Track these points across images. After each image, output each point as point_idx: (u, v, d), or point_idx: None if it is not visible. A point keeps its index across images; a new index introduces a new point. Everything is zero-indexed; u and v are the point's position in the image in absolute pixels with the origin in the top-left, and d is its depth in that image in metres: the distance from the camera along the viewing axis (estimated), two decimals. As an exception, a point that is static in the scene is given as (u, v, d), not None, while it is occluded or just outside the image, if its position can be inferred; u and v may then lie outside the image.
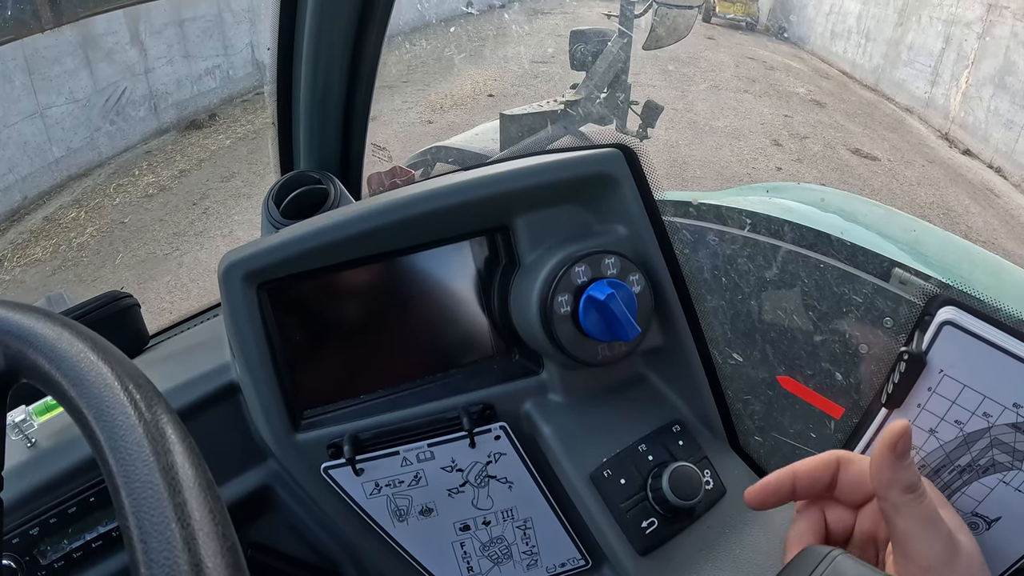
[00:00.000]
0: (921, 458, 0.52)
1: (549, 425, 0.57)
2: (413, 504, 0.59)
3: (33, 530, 0.55)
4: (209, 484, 0.30)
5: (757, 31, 11.48)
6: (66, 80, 5.07)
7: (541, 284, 0.53)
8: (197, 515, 0.28)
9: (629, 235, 0.57)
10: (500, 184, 0.55)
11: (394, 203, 0.55)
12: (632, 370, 0.61)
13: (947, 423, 0.49)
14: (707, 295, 0.56)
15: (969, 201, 5.44)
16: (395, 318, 0.60)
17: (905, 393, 0.50)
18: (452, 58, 7.87)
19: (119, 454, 0.29)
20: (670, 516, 0.55)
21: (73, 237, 4.46)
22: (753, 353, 0.57)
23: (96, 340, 0.34)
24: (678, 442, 0.58)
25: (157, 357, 0.75)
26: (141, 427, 0.30)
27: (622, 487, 0.55)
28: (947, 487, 0.51)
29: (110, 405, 0.31)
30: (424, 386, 0.60)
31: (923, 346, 0.49)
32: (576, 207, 0.57)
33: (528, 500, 0.60)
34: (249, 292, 0.55)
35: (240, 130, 6.08)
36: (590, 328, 0.52)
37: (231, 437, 0.62)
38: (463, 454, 0.57)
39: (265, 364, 0.56)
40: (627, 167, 0.56)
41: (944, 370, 0.49)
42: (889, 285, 0.53)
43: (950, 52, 7.08)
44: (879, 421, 0.53)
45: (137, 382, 0.33)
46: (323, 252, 0.55)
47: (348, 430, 0.56)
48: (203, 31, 6.33)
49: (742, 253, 0.55)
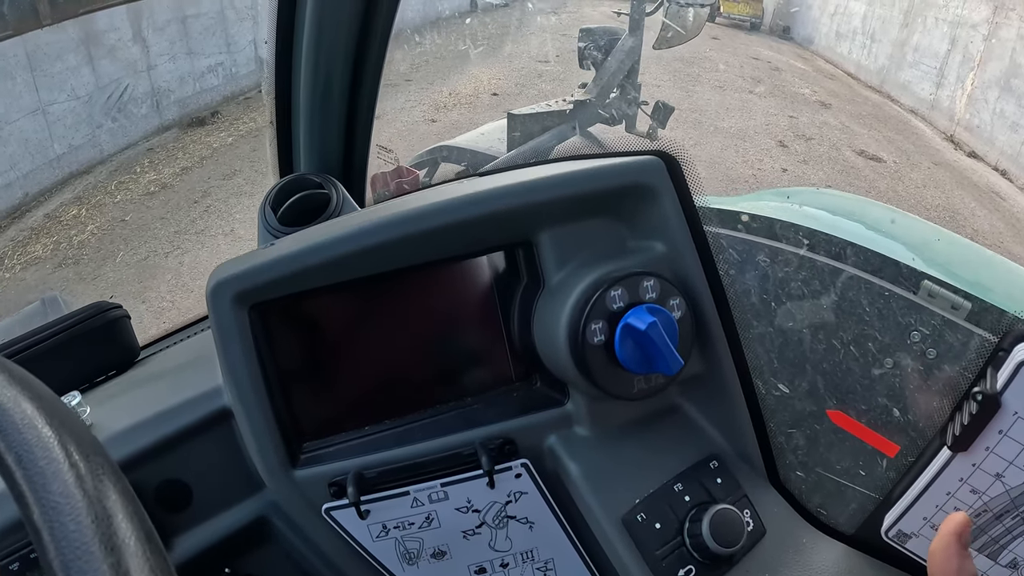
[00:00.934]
0: (984, 503, 0.48)
1: (576, 462, 0.52)
2: (424, 547, 0.53)
3: (13, 565, 0.50)
4: (148, 536, 0.26)
5: (762, 31, 11.43)
6: (68, 77, 5.03)
7: (572, 309, 0.47)
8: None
9: (668, 253, 0.51)
10: (524, 196, 0.49)
11: (403, 216, 0.49)
12: (666, 400, 0.55)
13: (1016, 467, 0.45)
14: (752, 320, 0.50)
15: (975, 204, 5.40)
16: (404, 342, 0.54)
17: (975, 435, 0.46)
18: (455, 56, 7.83)
19: (44, 504, 0.25)
20: (708, 563, 0.50)
21: (74, 235, 4.43)
22: (801, 384, 0.52)
23: (13, 371, 0.30)
24: (716, 480, 0.53)
25: (145, 375, 0.70)
26: (69, 471, 0.26)
27: (657, 532, 0.49)
28: (1008, 532, 0.47)
29: (33, 448, 0.27)
30: (436, 417, 0.54)
31: (998, 386, 0.44)
32: (609, 221, 0.52)
33: (550, 540, 0.55)
34: (240, 314, 0.49)
35: (242, 128, 6.05)
36: (626, 360, 0.46)
37: (225, 465, 0.57)
38: (480, 494, 0.52)
39: (259, 393, 0.50)
40: (668, 178, 0.50)
41: (1019, 412, 0.44)
42: (954, 318, 0.48)
43: (956, 54, 7.03)
44: (941, 462, 0.48)
45: (66, 422, 0.29)
46: (322, 271, 0.49)
47: (352, 467, 0.51)
48: (206, 28, 6.29)
49: (797, 276, 0.50)
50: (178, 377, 0.65)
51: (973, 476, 0.47)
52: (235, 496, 0.58)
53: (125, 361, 0.75)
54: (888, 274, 0.46)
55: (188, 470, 0.55)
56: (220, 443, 0.57)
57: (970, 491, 0.47)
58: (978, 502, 0.47)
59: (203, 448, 0.56)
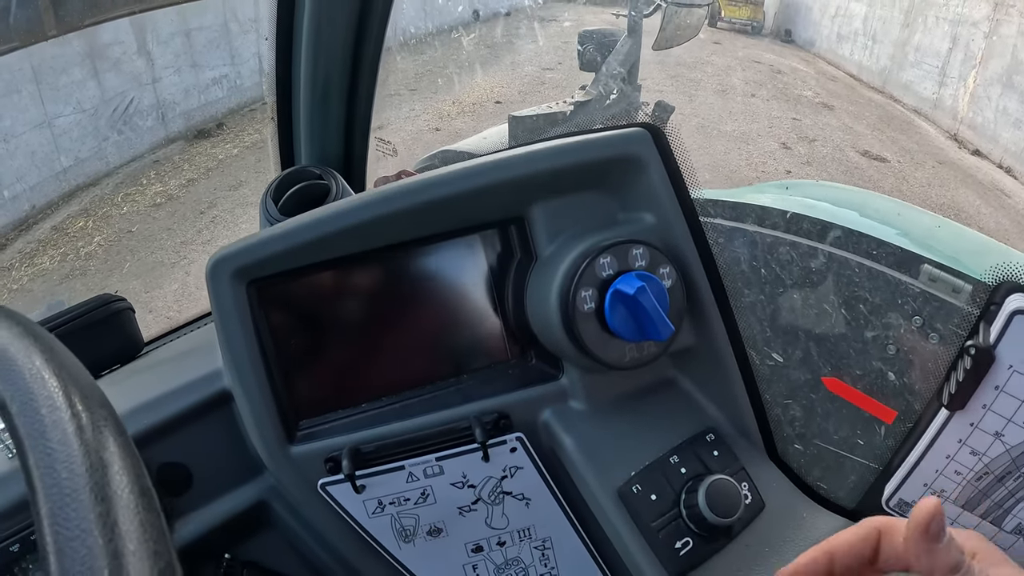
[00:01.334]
0: (984, 465, 0.47)
1: (570, 435, 0.52)
2: (420, 523, 0.53)
3: (13, 547, 0.50)
4: (143, 491, 0.26)
5: (763, 35, 11.44)
6: (74, 90, 5.08)
7: (562, 278, 0.47)
8: (124, 527, 0.24)
9: (658, 223, 0.51)
10: (514, 168, 0.49)
11: (397, 190, 0.49)
12: (661, 373, 0.55)
13: (1015, 425, 0.45)
14: (744, 289, 0.51)
15: (980, 202, 5.37)
16: (399, 319, 0.55)
17: (970, 393, 0.45)
18: (459, 66, 7.87)
19: (39, 452, 0.25)
20: (706, 535, 0.49)
21: (81, 246, 4.46)
22: (795, 352, 0.52)
23: (30, 327, 0.31)
24: (713, 452, 0.53)
25: (147, 363, 0.71)
26: (69, 420, 0.26)
27: (653, 504, 0.49)
28: (1012, 495, 0.47)
29: (35, 397, 0.27)
30: (432, 393, 0.54)
31: (991, 339, 0.44)
32: (598, 194, 0.52)
33: (547, 518, 0.55)
34: (239, 290, 0.50)
35: (248, 139, 6.09)
36: (617, 327, 0.46)
37: (224, 449, 0.57)
38: (475, 468, 0.52)
39: (257, 369, 0.51)
40: (655, 148, 0.50)
41: (1015, 366, 0.44)
42: (943, 282, 0.48)
43: (957, 52, 7.02)
44: (939, 424, 0.48)
45: (72, 373, 0.29)
46: (319, 246, 0.50)
47: (348, 442, 0.51)
48: (210, 41, 6.35)
49: (782, 244, 0.50)
50: (179, 363, 0.65)
51: (972, 436, 0.46)
52: (235, 480, 0.58)
53: (128, 353, 0.76)
54: (863, 249, 0.46)
55: (188, 453, 0.56)
56: (220, 426, 0.57)
57: (970, 452, 0.47)
58: (979, 464, 0.47)
59: (203, 431, 0.57)
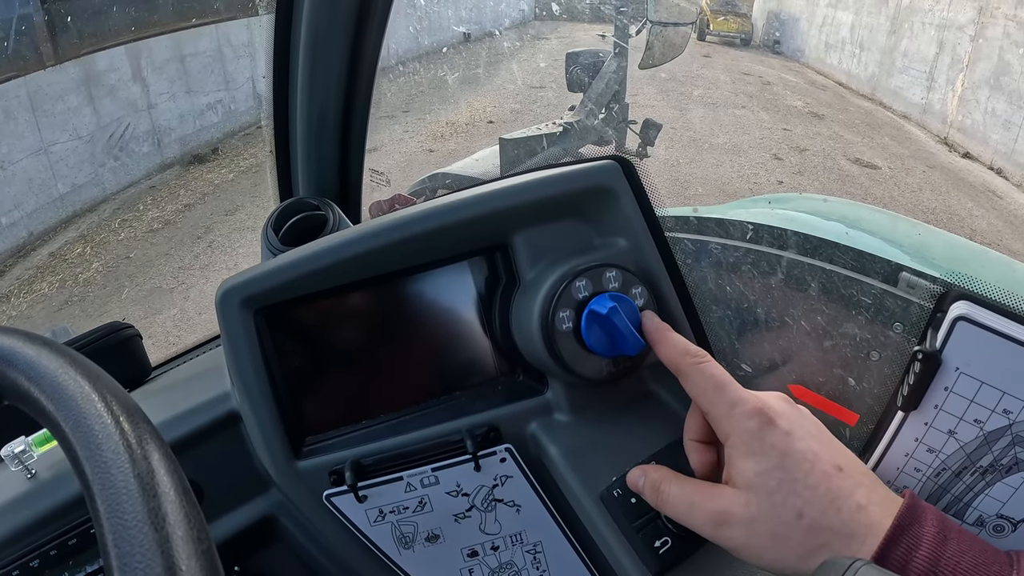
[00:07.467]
0: (941, 461, 0.50)
1: (556, 445, 0.56)
2: (419, 530, 0.57)
3: (33, 562, 0.54)
4: (185, 490, 0.32)
5: (752, 46, 11.57)
6: (70, 117, 5.14)
7: (542, 301, 0.52)
8: (172, 518, 0.29)
9: (630, 248, 0.56)
10: (496, 201, 0.54)
11: (390, 224, 0.54)
12: (640, 387, 0.59)
13: (966, 423, 0.48)
14: (712, 306, 0.55)
15: (972, 204, 5.42)
16: (396, 341, 0.59)
17: (921, 394, 0.48)
18: (451, 86, 7.95)
19: (95, 461, 0.31)
20: (683, 535, 0.53)
21: (79, 272, 4.49)
22: (762, 363, 0.56)
23: (75, 357, 0.35)
24: (689, 458, 0.57)
25: (157, 388, 0.75)
26: (118, 435, 0.32)
27: (633, 506, 0.53)
28: (970, 489, 0.49)
29: (88, 417, 0.32)
30: (427, 410, 0.58)
31: (937, 344, 0.47)
32: (575, 221, 0.57)
33: (537, 523, 0.59)
34: (247, 318, 0.54)
35: (243, 163, 6.14)
36: (593, 344, 0.51)
37: (233, 467, 0.61)
38: (468, 478, 0.56)
39: (264, 391, 0.55)
40: (624, 179, 0.55)
41: (960, 368, 0.47)
42: (897, 289, 0.51)
43: (944, 56, 7.10)
44: (896, 425, 0.51)
45: (116, 395, 0.34)
46: (321, 275, 0.54)
47: (350, 456, 0.55)
48: (204, 66, 6.42)
49: (746, 261, 0.54)
50: (188, 387, 0.69)
51: (927, 435, 0.49)
52: (243, 496, 0.62)
53: (137, 378, 0.79)
54: (826, 253, 0.50)
55: (199, 471, 0.59)
56: (229, 445, 0.61)
57: (927, 450, 0.49)
58: (936, 461, 0.49)
59: (213, 450, 0.61)
